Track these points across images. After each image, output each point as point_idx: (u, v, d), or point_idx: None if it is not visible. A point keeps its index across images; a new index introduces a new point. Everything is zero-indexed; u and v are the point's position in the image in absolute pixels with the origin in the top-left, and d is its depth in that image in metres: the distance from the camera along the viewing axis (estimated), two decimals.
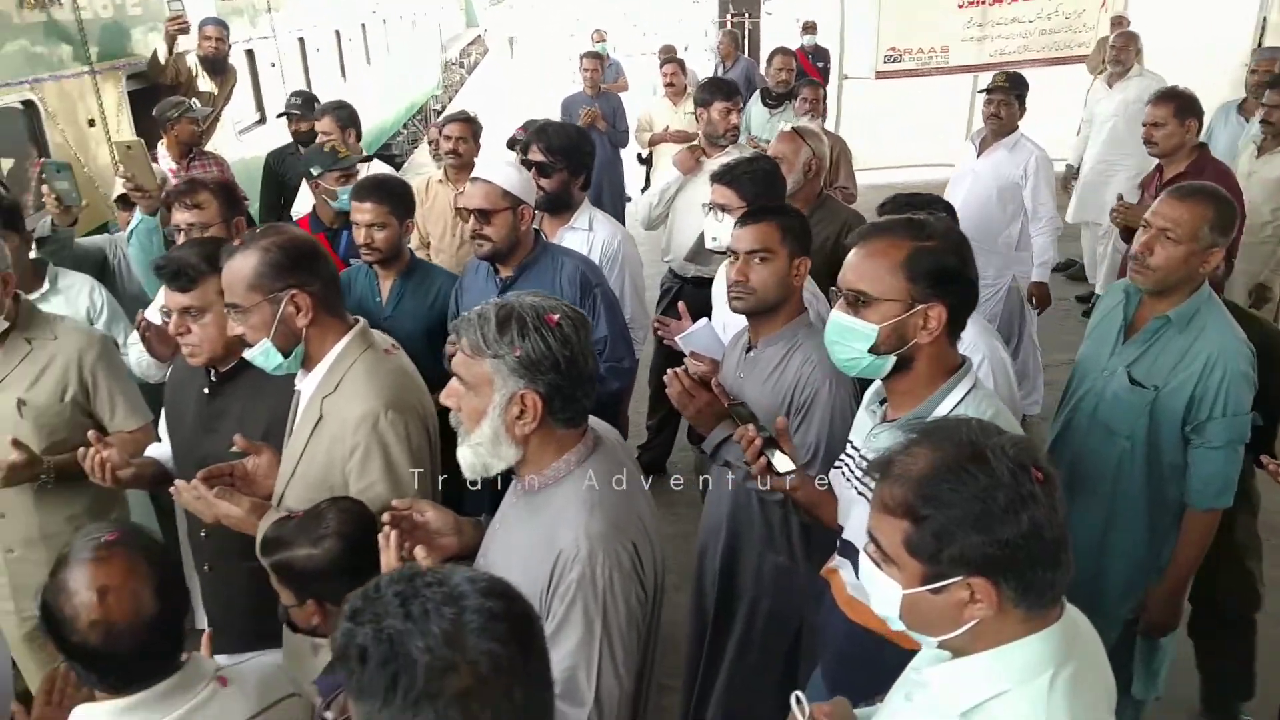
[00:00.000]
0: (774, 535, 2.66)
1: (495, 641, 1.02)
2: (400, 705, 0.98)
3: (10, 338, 2.69)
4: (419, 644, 1.00)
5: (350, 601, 1.08)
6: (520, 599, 1.11)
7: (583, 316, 1.72)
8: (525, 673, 1.04)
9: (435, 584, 1.07)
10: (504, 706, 1.01)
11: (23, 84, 4.57)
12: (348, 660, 1.03)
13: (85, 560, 1.52)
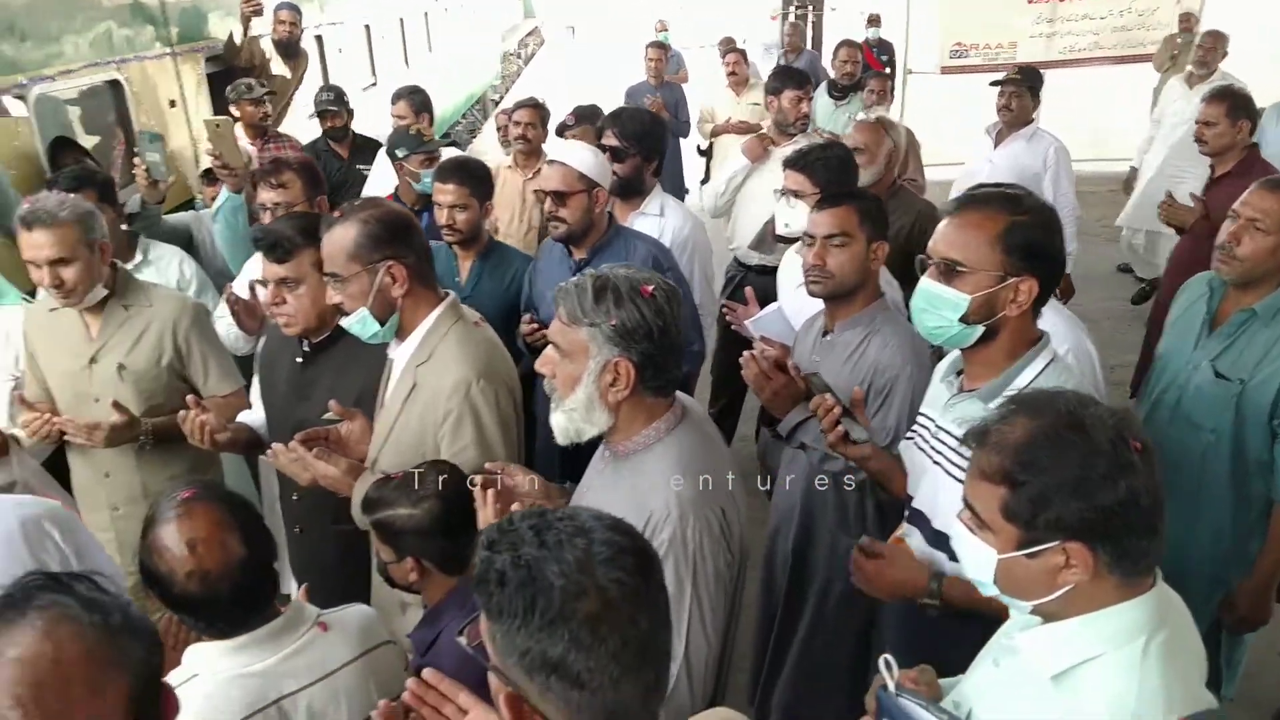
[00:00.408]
0: (848, 517, 2.67)
1: (622, 571, 1.09)
2: (537, 625, 1.05)
3: (109, 305, 2.81)
4: (554, 569, 1.07)
5: (485, 533, 1.15)
6: (641, 537, 1.18)
7: (675, 288, 1.77)
8: (648, 602, 1.10)
9: (566, 519, 1.14)
10: (629, 632, 1.07)
11: (110, 64, 4.74)
12: (486, 584, 1.09)
13: (170, 518, 1.61)
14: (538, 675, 1.06)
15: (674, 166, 7.35)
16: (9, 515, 1.78)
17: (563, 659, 1.05)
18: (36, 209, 2.63)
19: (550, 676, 1.05)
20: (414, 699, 1.44)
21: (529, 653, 1.06)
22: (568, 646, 1.04)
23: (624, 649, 1.06)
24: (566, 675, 1.05)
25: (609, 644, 1.05)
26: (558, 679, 1.05)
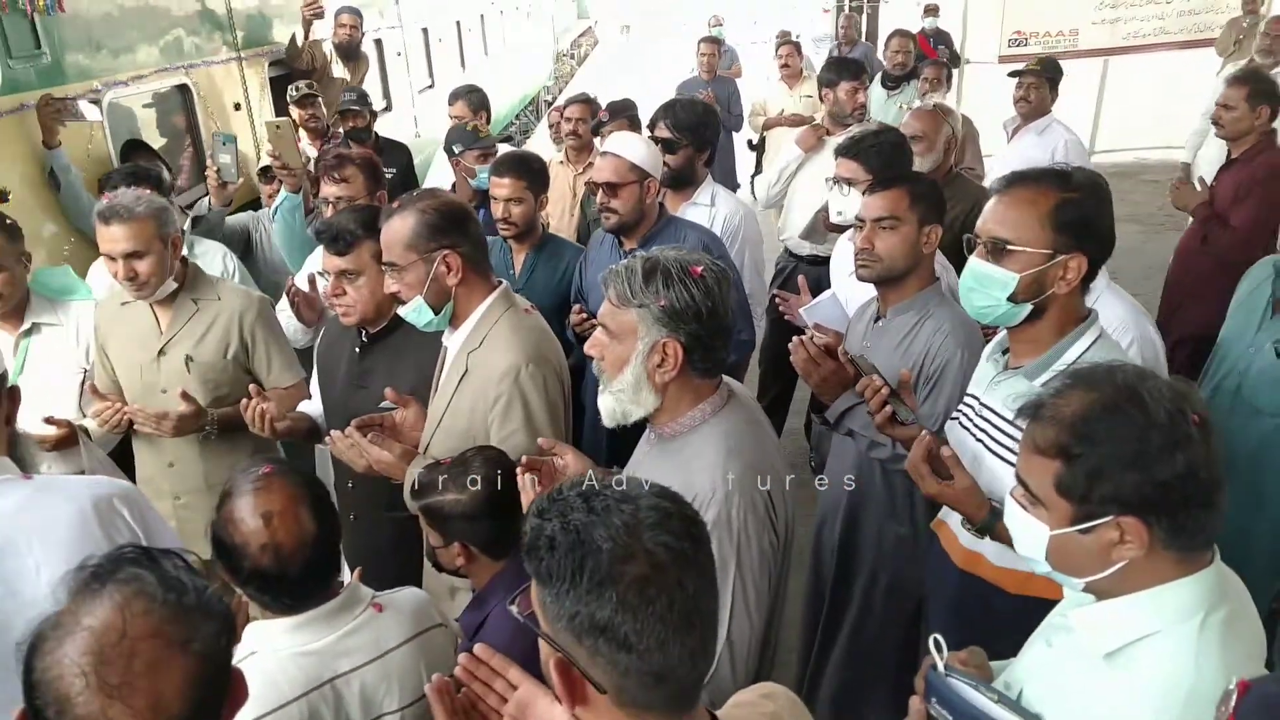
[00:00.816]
0: (896, 506, 2.66)
1: (669, 534, 1.10)
2: (586, 587, 1.07)
3: (179, 298, 2.90)
4: (602, 533, 1.09)
5: (534, 503, 1.17)
6: (688, 504, 1.19)
7: (724, 270, 1.78)
8: (695, 567, 1.12)
9: (613, 487, 1.16)
10: (677, 595, 1.08)
11: (178, 69, 4.89)
12: (536, 549, 1.12)
13: (248, 491, 1.65)
14: (587, 638, 1.08)
15: (725, 160, 7.36)
16: (83, 494, 1.84)
17: (610, 621, 1.06)
18: (114, 204, 2.74)
19: (599, 639, 1.07)
20: (465, 674, 1.46)
21: (578, 616, 1.08)
22: (616, 608, 1.06)
23: (670, 611, 1.07)
24: (614, 638, 1.07)
25: (656, 606, 1.07)
26: (606, 641, 1.07)
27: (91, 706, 1.01)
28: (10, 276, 2.90)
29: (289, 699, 1.60)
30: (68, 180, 3.81)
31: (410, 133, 8.45)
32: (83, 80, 4.03)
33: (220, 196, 3.95)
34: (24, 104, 3.66)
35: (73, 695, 1.02)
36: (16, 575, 1.71)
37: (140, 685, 1.03)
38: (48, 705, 1.03)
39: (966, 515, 1.98)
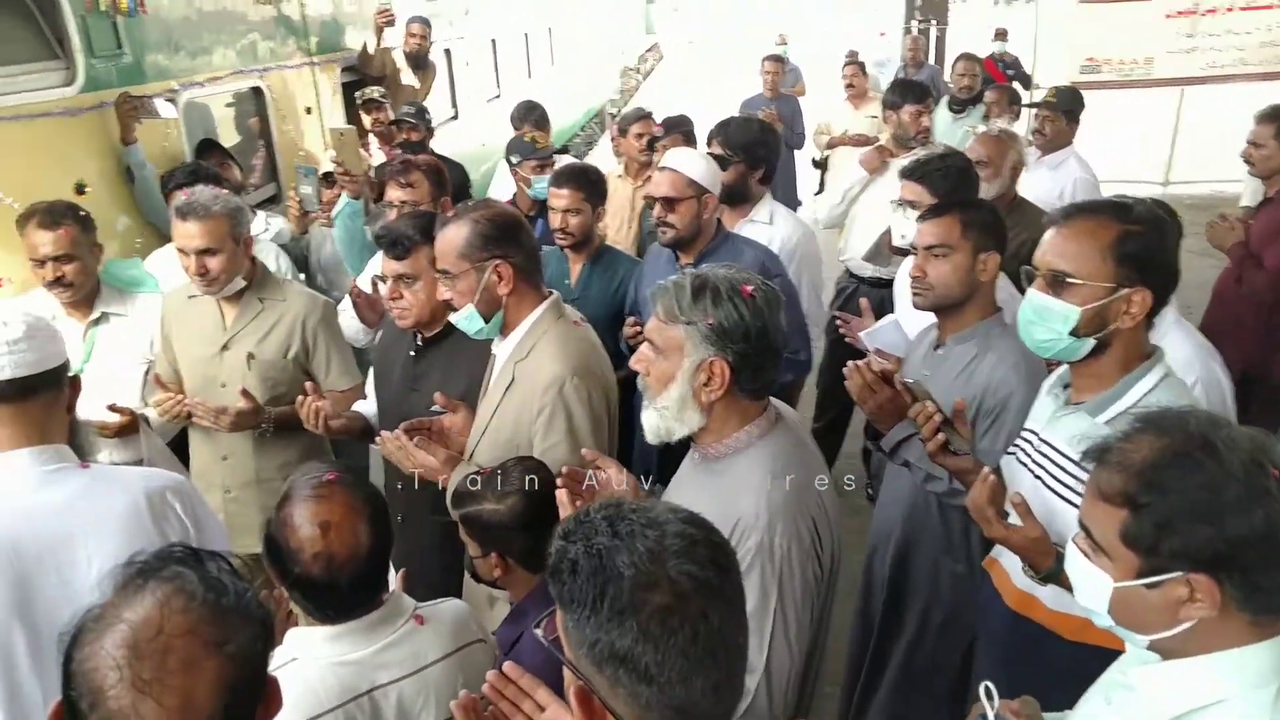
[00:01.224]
0: (952, 542, 2.58)
1: (694, 564, 1.07)
2: (606, 614, 1.04)
3: (245, 297, 2.96)
4: (625, 559, 1.06)
5: (562, 524, 1.15)
6: (717, 531, 1.15)
7: (775, 290, 1.74)
8: (721, 598, 1.08)
9: (640, 510, 1.13)
10: (701, 626, 1.05)
11: (253, 72, 5.00)
12: (560, 572, 1.10)
13: (308, 497, 1.64)
14: (607, 667, 1.05)
15: (788, 179, 7.32)
16: (136, 486, 1.87)
17: (631, 651, 1.03)
18: (192, 201, 2.82)
19: (619, 669, 1.05)
20: (493, 692, 1.44)
21: (598, 644, 1.05)
22: (636, 638, 1.03)
23: (694, 643, 1.04)
24: (635, 669, 1.04)
25: (678, 637, 1.04)
26: (626, 672, 1.04)
27: (123, 701, 1.02)
28: (82, 266, 2.99)
29: (326, 708, 1.59)
30: (142, 176, 3.92)
31: (476, 142, 8.55)
32: (161, 80, 4.15)
33: (300, 225, 4.01)
34: (103, 101, 3.77)
35: (106, 688, 1.02)
36: (70, 565, 1.75)
37: (172, 683, 1.03)
38: (82, 697, 1.04)
39: (1031, 563, 1.91)
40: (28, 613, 1.73)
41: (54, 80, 3.57)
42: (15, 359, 1.72)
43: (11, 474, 1.75)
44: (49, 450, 1.79)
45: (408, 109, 5.45)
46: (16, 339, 1.73)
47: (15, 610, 1.71)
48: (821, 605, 1.76)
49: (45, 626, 1.74)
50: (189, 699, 1.04)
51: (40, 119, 3.46)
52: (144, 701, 1.02)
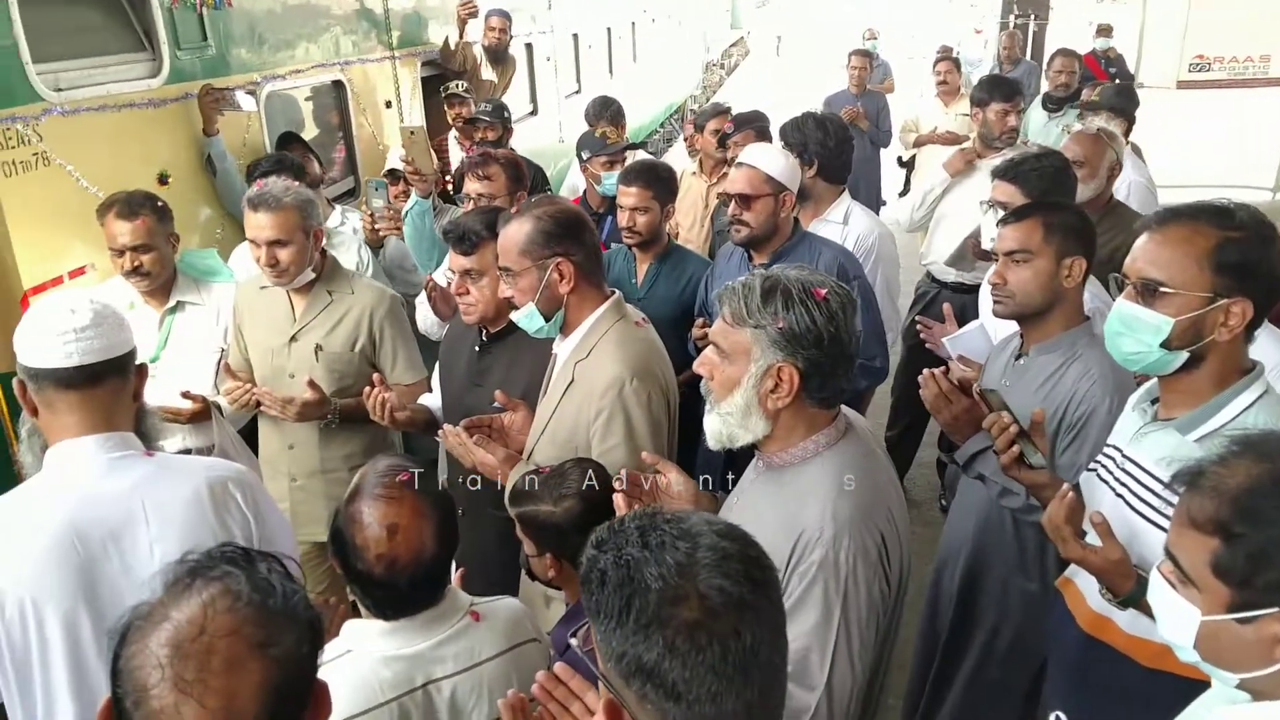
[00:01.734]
0: (1026, 559, 2.47)
1: (726, 578, 1.02)
2: (633, 627, 1.01)
3: (315, 289, 3.00)
4: (653, 571, 1.02)
5: (596, 532, 1.12)
6: (756, 545, 1.10)
7: (850, 294, 1.66)
8: (755, 615, 1.03)
9: (673, 521, 1.09)
10: (732, 643, 1.00)
11: (335, 65, 5.08)
12: (589, 582, 1.07)
13: (379, 497, 1.64)
14: (634, 681, 1.02)
15: (872, 177, 7.16)
16: (199, 476, 1.88)
17: (657, 665, 1.00)
18: (264, 193, 2.86)
19: (646, 684, 1.01)
20: (542, 693, 1.42)
21: (625, 656, 1.02)
22: (662, 653, 0.99)
23: (724, 661, 0.99)
24: (662, 684, 1.00)
25: (707, 654, 0.99)
26: (653, 687, 1.00)
27: (165, 700, 1.00)
28: (159, 256, 3.05)
29: (381, 701, 1.59)
30: (223, 168, 4.00)
31: (554, 137, 8.57)
32: (244, 73, 4.23)
33: (375, 239, 4.05)
34: (188, 93, 3.86)
35: (149, 687, 1.01)
36: (132, 551, 1.77)
37: (214, 684, 1.02)
38: (127, 695, 1.03)
39: (1110, 587, 1.80)
40: (93, 597, 1.75)
41: (140, 72, 3.65)
42: (83, 346, 1.74)
43: (77, 461, 1.77)
44: (115, 437, 1.80)
45: (485, 106, 5.45)
46: (84, 326, 1.75)
47: (81, 595, 1.74)
48: (888, 622, 1.68)
49: (110, 611, 1.76)
50: (231, 701, 1.02)
51: (126, 109, 3.54)
52: (186, 702, 1.00)
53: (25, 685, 1.79)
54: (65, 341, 1.72)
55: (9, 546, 1.72)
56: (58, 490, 1.76)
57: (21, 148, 3.10)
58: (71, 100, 3.28)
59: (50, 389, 1.75)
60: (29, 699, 1.80)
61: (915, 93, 8.70)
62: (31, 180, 3.14)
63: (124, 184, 3.27)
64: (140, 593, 1.75)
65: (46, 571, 1.71)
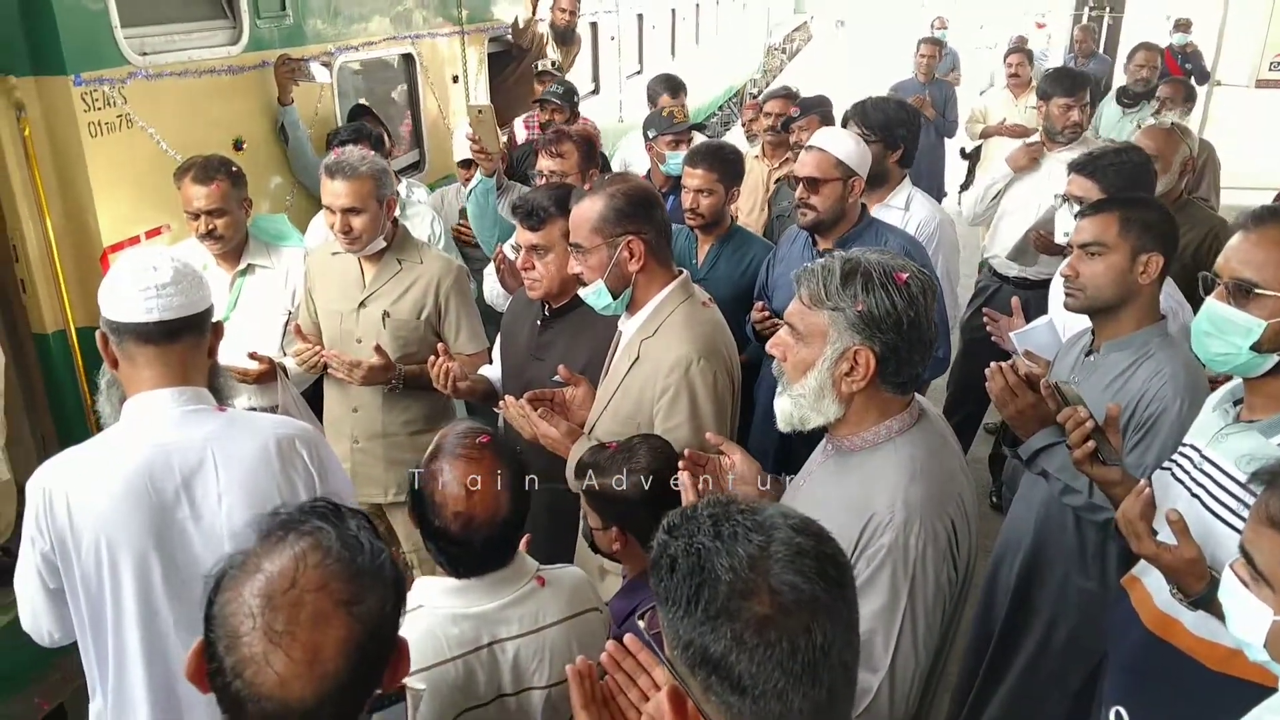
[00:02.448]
0: (1086, 557, 2.45)
1: (799, 575, 1.01)
2: (700, 618, 1.00)
3: (385, 257, 3.05)
4: (724, 562, 1.01)
5: (668, 517, 1.11)
6: (832, 542, 1.08)
7: (931, 279, 1.66)
8: (828, 614, 1.01)
9: (748, 512, 1.07)
10: (802, 642, 0.99)
11: (405, 39, 5.13)
12: (659, 568, 1.06)
13: (460, 456, 1.68)
14: (700, 671, 1.01)
15: (935, 167, 7.08)
16: (267, 431, 1.94)
17: (724, 658, 0.99)
18: (341, 161, 2.91)
19: (711, 675, 1.00)
20: (610, 663, 1.43)
21: (691, 645, 1.01)
22: (730, 645, 0.99)
23: (792, 658, 0.98)
24: (727, 677, 0.99)
25: (775, 650, 0.98)
26: (719, 679, 1.00)
27: (255, 649, 1.04)
28: (232, 220, 3.13)
29: (448, 657, 1.63)
30: (296, 136, 4.07)
31: (614, 117, 8.58)
32: (318, 43, 4.29)
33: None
34: (265, 61, 3.93)
35: (241, 634, 1.05)
36: (202, 500, 1.84)
37: (301, 636, 1.05)
38: (220, 640, 1.07)
39: (1182, 586, 1.78)
40: (163, 542, 1.82)
41: (221, 39, 3.72)
42: (162, 302, 1.80)
43: (153, 411, 1.83)
44: (189, 391, 1.86)
45: (555, 88, 5.43)
46: (164, 283, 1.80)
47: (152, 538, 1.81)
48: (953, 609, 1.68)
49: (179, 555, 1.84)
50: (316, 654, 1.05)
51: (206, 75, 3.62)
52: (275, 652, 1.04)
53: (98, 625, 1.87)
54: (146, 297, 1.78)
55: (88, 489, 1.79)
56: (134, 438, 1.83)
57: (107, 109, 3.19)
58: (155, 65, 3.36)
59: (130, 342, 1.81)
60: (100, 639, 1.88)
61: (983, 84, 8.53)
62: (115, 141, 3.23)
63: (201, 148, 3.35)
64: (208, 540, 1.83)
65: (121, 513, 1.78)
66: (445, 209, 4.45)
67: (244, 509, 1.83)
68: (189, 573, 1.84)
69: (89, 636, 1.89)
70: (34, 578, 1.87)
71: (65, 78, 3.03)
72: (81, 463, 1.83)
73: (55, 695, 3.07)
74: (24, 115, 3.01)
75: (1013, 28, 16.10)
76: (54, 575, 1.86)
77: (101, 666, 1.90)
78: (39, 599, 1.90)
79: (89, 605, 1.85)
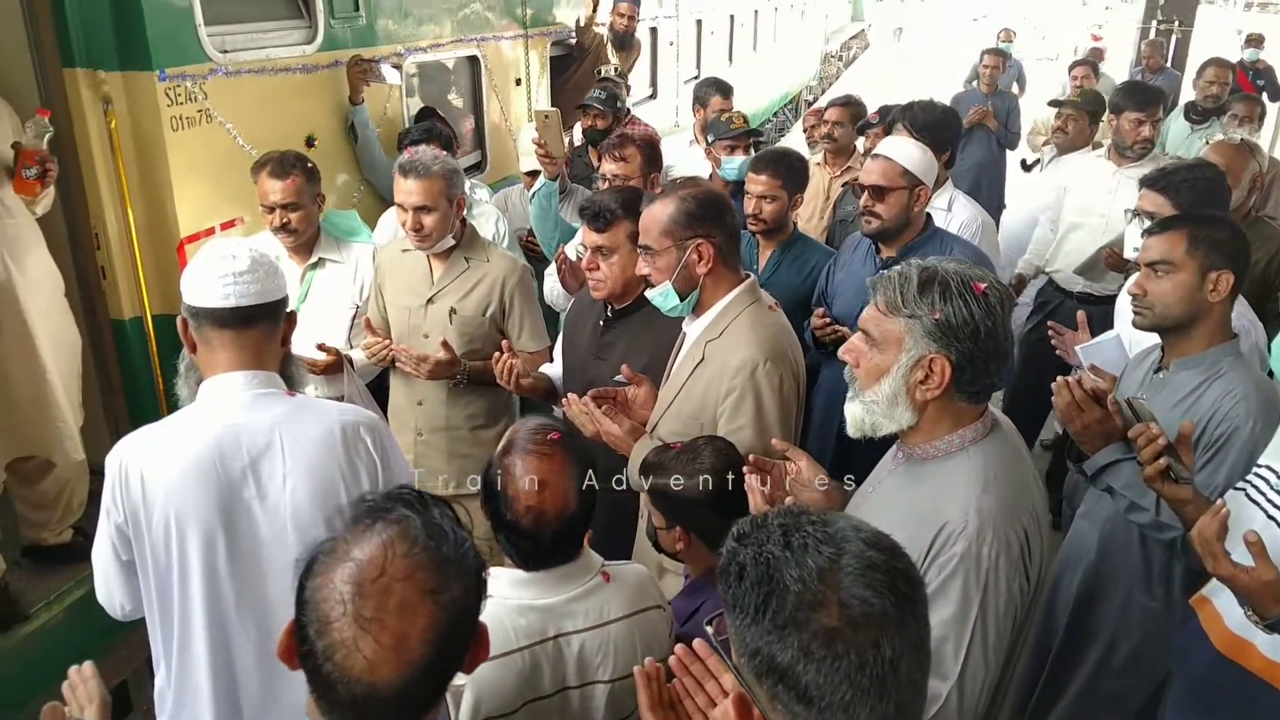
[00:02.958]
0: (1151, 576, 2.42)
1: (869, 589, 1.01)
2: (768, 626, 1.01)
3: (453, 255, 3.11)
4: (793, 573, 1.02)
5: (738, 524, 1.12)
6: (904, 556, 1.09)
7: (1008, 291, 1.65)
8: (898, 629, 1.01)
9: (819, 524, 1.08)
10: (870, 656, 0.99)
11: (471, 40, 5.20)
12: (727, 575, 1.07)
13: (532, 452, 1.72)
14: (766, 680, 1.02)
15: (995, 177, 7.00)
16: (333, 417, 1.99)
17: (791, 668, 1.00)
18: (414, 160, 2.97)
19: (778, 684, 1.01)
20: (679, 666, 1.44)
21: (758, 654, 1.02)
22: (797, 655, 0.99)
23: (860, 672, 0.98)
24: (794, 686, 1.00)
25: (843, 663, 0.98)
26: (785, 688, 1.01)
27: (345, 633, 1.08)
28: (305, 214, 3.21)
29: (515, 647, 1.66)
30: (365, 136, 4.16)
31: (670, 122, 8.60)
32: (389, 44, 4.37)
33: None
34: (338, 60, 4.02)
35: (332, 619, 1.08)
36: (269, 481, 1.89)
37: (389, 623, 1.08)
38: (310, 623, 1.11)
39: (1259, 608, 1.75)
40: (229, 521, 1.87)
41: (297, 38, 3.81)
42: (239, 289, 1.86)
43: (226, 393, 1.89)
44: (261, 375, 1.92)
45: (598, 94, 5.39)
46: (241, 271, 1.87)
47: (219, 516, 1.86)
48: (1023, 619, 1.67)
49: (243, 534, 1.89)
50: (403, 641, 1.08)
51: (281, 73, 3.71)
52: (364, 637, 1.07)
53: (165, 599, 1.92)
54: (224, 284, 1.85)
55: (160, 465, 1.85)
56: (206, 418, 1.89)
57: (188, 104, 3.29)
58: (235, 62, 3.45)
59: (208, 327, 1.88)
60: (167, 613, 1.94)
61: (1046, 96, 8.41)
62: (194, 135, 3.33)
63: (275, 144, 3.44)
64: (272, 520, 1.87)
65: (190, 490, 1.84)
66: (510, 210, 4.50)
67: (308, 491, 1.89)
68: (252, 552, 1.90)
69: (156, 610, 1.94)
70: (108, 550, 1.94)
71: (151, 73, 3.13)
72: (156, 439, 1.90)
73: (119, 670, 3.17)
74: (111, 108, 3.11)
75: (1080, 40, 15.86)
76: (126, 548, 1.92)
77: (166, 641, 1.96)
78: (112, 571, 1.97)
79: (157, 579, 1.91)
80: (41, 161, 2.90)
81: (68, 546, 3.26)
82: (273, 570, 1.90)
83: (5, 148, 2.94)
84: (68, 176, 3.13)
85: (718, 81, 5.46)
